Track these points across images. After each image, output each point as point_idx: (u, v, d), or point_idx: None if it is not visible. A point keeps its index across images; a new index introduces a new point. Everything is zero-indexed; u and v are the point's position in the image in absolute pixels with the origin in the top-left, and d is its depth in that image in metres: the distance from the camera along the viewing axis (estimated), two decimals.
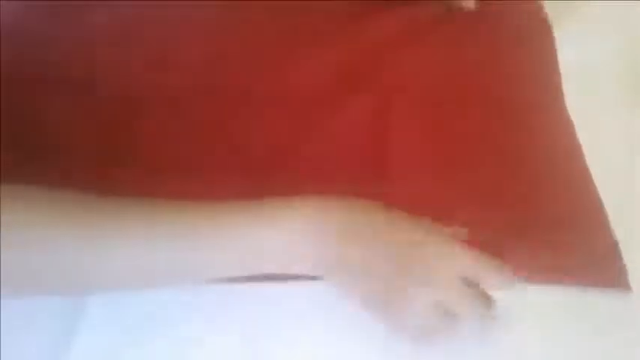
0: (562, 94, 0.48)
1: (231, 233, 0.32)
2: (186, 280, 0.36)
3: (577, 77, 0.50)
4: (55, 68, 0.48)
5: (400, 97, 0.48)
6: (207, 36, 0.51)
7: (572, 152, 0.45)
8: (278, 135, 0.45)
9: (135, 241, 0.32)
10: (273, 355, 0.36)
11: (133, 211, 0.32)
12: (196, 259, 0.33)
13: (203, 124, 0.46)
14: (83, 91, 0.47)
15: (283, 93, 0.47)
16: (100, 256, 0.31)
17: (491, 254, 0.34)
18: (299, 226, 0.33)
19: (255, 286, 0.37)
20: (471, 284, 0.33)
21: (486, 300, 0.34)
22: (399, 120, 0.46)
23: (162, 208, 0.33)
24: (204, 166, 0.43)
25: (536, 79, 0.50)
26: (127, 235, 0.31)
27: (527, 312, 0.37)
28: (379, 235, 0.33)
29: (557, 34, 0.53)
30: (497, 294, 0.34)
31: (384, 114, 0.47)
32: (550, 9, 0.55)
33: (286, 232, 0.32)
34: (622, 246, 0.40)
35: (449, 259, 0.33)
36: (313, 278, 0.35)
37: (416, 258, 0.33)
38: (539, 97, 0.49)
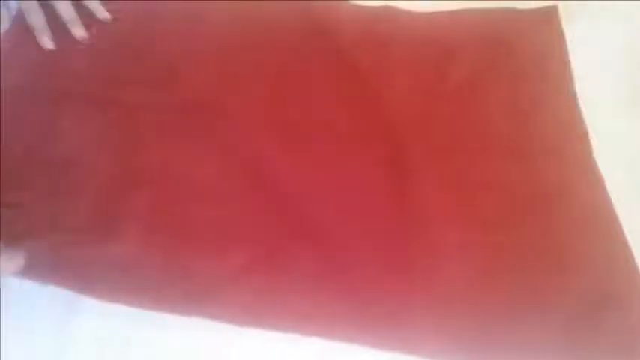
0: (587, 139, 0.46)
1: None
2: None
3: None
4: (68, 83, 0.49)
5: (415, 145, 0.46)
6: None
7: (602, 211, 0.42)
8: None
9: None
10: None
11: None
12: None
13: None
14: (98, 106, 0.48)
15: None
16: None
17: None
18: None
19: None
20: None
21: None
22: (416, 169, 0.45)
23: None
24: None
25: (559, 122, 0.47)
26: None
27: None
28: None
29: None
30: None
31: (400, 163, 0.45)
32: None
33: None
34: None
35: None
36: None
37: None
38: (563, 144, 0.46)
